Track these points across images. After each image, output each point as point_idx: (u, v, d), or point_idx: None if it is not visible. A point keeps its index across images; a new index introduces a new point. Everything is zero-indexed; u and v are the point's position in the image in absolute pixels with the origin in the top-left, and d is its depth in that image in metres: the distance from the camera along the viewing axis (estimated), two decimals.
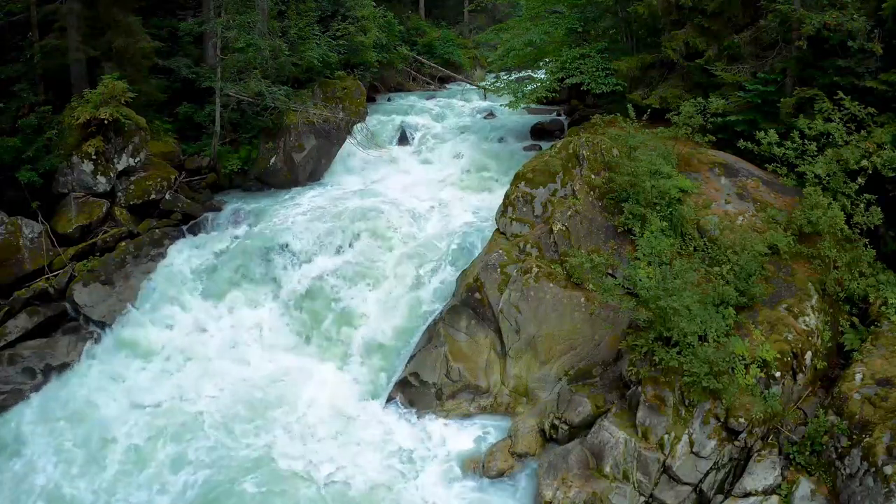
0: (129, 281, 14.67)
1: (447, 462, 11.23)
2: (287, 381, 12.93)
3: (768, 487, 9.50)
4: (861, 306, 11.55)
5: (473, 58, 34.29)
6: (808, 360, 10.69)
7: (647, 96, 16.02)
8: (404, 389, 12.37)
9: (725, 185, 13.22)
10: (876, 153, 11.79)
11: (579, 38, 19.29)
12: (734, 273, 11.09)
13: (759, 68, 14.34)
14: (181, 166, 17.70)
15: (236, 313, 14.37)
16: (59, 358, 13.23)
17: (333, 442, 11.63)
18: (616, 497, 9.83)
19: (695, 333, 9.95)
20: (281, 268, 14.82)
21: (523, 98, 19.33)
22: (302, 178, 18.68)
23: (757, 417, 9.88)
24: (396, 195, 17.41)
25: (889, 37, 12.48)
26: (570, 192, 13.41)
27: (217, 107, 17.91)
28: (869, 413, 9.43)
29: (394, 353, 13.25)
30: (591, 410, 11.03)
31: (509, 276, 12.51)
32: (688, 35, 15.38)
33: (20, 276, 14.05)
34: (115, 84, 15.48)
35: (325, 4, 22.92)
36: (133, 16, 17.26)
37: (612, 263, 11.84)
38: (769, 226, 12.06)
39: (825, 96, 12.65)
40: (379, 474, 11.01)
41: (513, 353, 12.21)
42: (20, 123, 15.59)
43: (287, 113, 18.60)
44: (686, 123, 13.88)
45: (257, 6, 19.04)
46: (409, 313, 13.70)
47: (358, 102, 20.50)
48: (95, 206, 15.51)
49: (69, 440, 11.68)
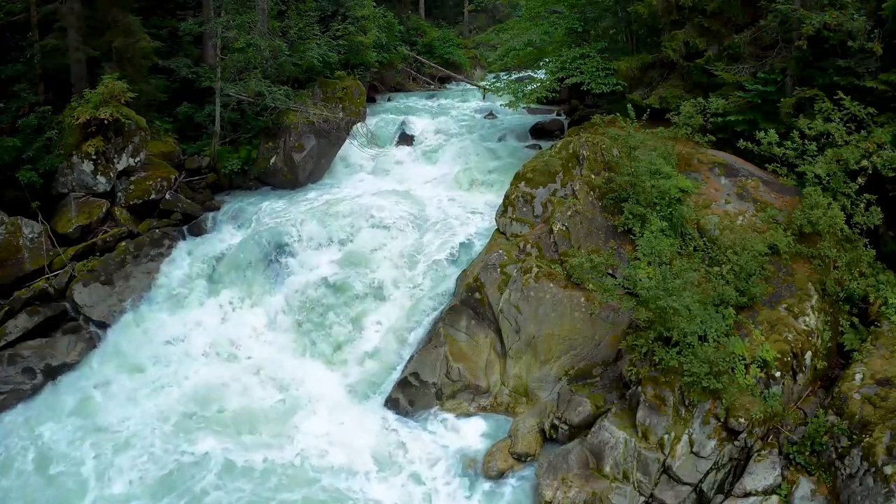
0: (129, 281, 14.68)
1: (447, 462, 11.22)
2: (286, 380, 12.94)
3: (768, 487, 9.50)
4: (861, 306, 11.55)
5: (473, 58, 34.29)
6: (808, 360, 10.69)
7: (647, 96, 16.03)
8: (404, 389, 12.37)
9: (725, 185, 13.22)
10: (876, 153, 11.79)
11: (579, 38, 19.28)
12: (734, 273, 11.09)
13: (759, 68, 14.34)
14: (181, 166, 17.70)
15: (236, 313, 14.39)
16: (59, 358, 13.24)
17: (332, 441, 11.63)
18: (616, 497, 9.83)
19: (695, 333, 9.96)
20: (281, 267, 14.83)
21: (523, 98, 19.32)
22: (302, 177, 18.67)
23: (757, 417, 9.88)
24: (396, 195, 17.40)
25: (889, 37, 12.48)
26: (570, 192, 13.41)
27: (217, 107, 17.91)
28: (869, 413, 9.44)
29: (393, 353, 13.24)
30: (591, 410, 11.03)
31: (509, 276, 12.51)
32: (688, 35, 15.38)
33: (20, 276, 14.06)
34: (115, 84, 15.48)
35: (325, 4, 22.92)
36: (133, 16, 17.28)
37: (612, 263, 11.83)
38: (769, 226, 12.06)
39: (825, 96, 12.65)
40: (378, 474, 11.01)
41: (513, 353, 12.21)
42: (20, 123, 15.60)
43: (287, 113, 18.60)
44: (686, 123, 13.88)
45: (257, 6, 19.04)
46: (409, 313, 13.69)
47: (358, 102, 20.51)
48: (95, 206, 15.51)
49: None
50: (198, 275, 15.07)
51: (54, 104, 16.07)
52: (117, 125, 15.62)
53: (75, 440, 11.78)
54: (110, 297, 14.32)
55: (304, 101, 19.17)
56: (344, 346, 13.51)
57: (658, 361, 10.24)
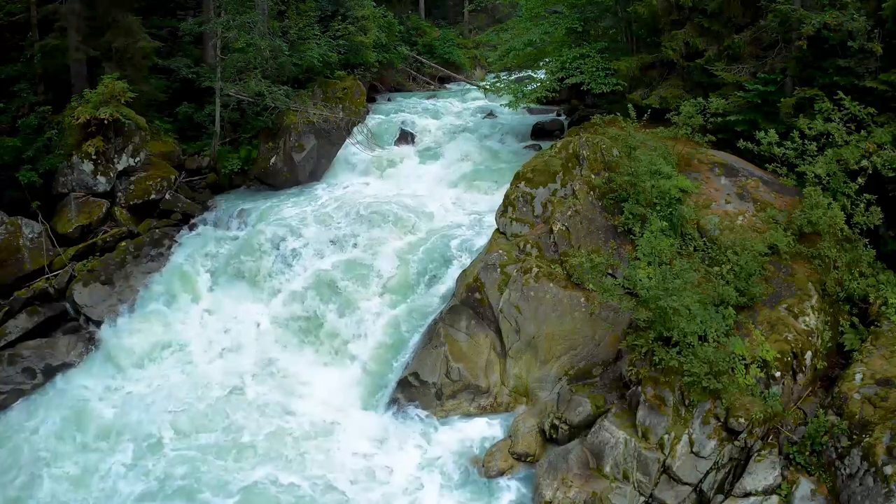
0: (129, 281, 14.69)
1: (447, 462, 11.22)
2: (286, 379, 12.95)
3: (768, 487, 9.49)
4: (861, 306, 11.54)
5: (473, 58, 34.27)
6: (808, 360, 10.69)
7: (647, 96, 16.03)
8: (404, 389, 12.37)
9: (725, 185, 13.22)
10: (876, 153, 11.78)
11: (579, 38, 19.27)
12: (734, 273, 11.08)
13: (759, 68, 14.34)
14: (181, 166, 17.71)
15: (236, 313, 14.39)
16: (59, 358, 13.25)
17: (332, 441, 11.64)
18: (616, 497, 9.83)
19: (695, 333, 9.95)
20: (280, 267, 14.84)
21: (523, 98, 19.33)
22: (302, 177, 18.67)
23: (757, 417, 9.87)
24: (396, 195, 17.41)
25: (889, 37, 12.48)
26: (570, 192, 13.41)
27: (217, 107, 17.92)
28: (869, 413, 9.43)
29: (393, 353, 13.24)
30: (591, 410, 11.03)
31: (509, 276, 12.50)
32: (688, 35, 15.37)
33: (20, 276, 14.08)
34: (115, 84, 15.49)
35: (325, 4, 22.93)
36: (133, 16, 17.28)
37: (612, 263, 11.83)
38: (769, 226, 12.05)
39: (825, 96, 12.64)
40: (378, 474, 11.00)
41: (513, 352, 12.21)
42: (20, 123, 15.61)
43: (287, 113, 18.61)
44: (686, 123, 13.87)
45: (257, 6, 19.04)
46: (409, 313, 13.69)
47: (358, 102, 20.52)
48: (95, 206, 15.52)
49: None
50: (198, 274, 15.07)
51: (54, 104, 16.08)
52: (117, 125, 15.64)
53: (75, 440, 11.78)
54: (110, 297, 14.33)
55: (304, 101, 19.18)
56: (343, 346, 13.51)
57: (658, 361, 10.24)
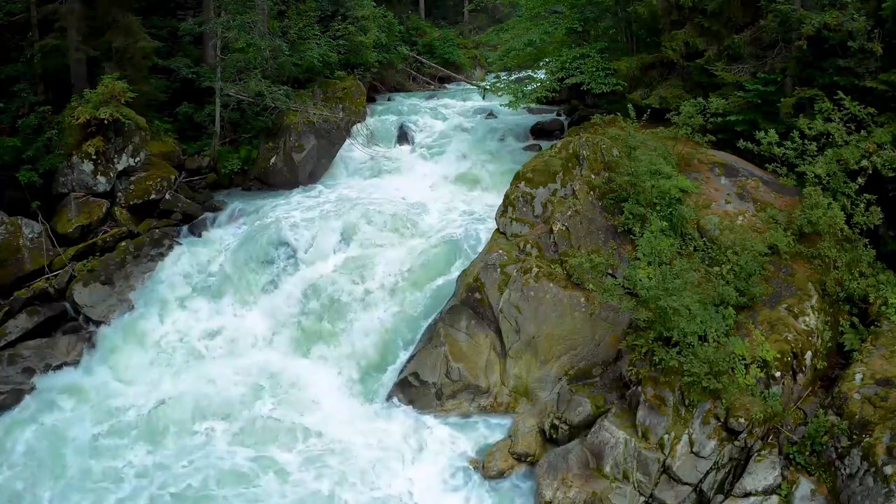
0: (129, 281, 14.69)
1: (447, 462, 11.21)
2: (286, 379, 12.94)
3: (768, 487, 9.49)
4: (861, 306, 11.54)
5: (473, 58, 34.25)
6: (808, 360, 10.69)
7: (647, 96, 16.02)
8: (404, 389, 12.37)
9: (725, 185, 13.22)
10: (876, 153, 11.77)
11: (579, 38, 19.28)
12: (734, 273, 11.08)
13: (759, 68, 14.33)
14: (181, 166, 17.71)
15: (236, 313, 14.39)
16: (58, 358, 13.25)
17: (331, 441, 11.63)
18: (616, 497, 9.83)
19: (695, 333, 9.95)
20: (280, 267, 14.84)
21: (523, 98, 19.31)
22: (302, 177, 18.68)
23: (757, 417, 9.87)
24: (396, 195, 17.41)
25: (889, 37, 12.48)
26: (570, 192, 13.41)
27: (217, 107, 17.92)
28: (869, 413, 9.43)
29: (393, 353, 13.24)
30: (591, 410, 11.02)
31: (509, 276, 12.50)
32: (688, 35, 15.36)
33: (20, 276, 14.08)
34: (115, 84, 15.49)
35: (325, 4, 22.93)
36: (133, 16, 17.28)
37: (612, 263, 11.83)
38: (769, 226, 12.05)
39: (825, 96, 12.63)
40: (378, 475, 11.00)
41: (513, 353, 12.21)
42: (20, 123, 15.61)
43: (287, 113, 18.62)
44: (686, 123, 13.86)
45: (257, 6, 19.05)
46: (409, 313, 13.68)
47: (358, 102, 20.52)
48: (95, 206, 15.52)
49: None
50: (198, 274, 15.07)
51: (54, 104, 16.08)
52: (117, 125, 15.64)
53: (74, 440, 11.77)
54: (110, 297, 14.33)
55: (304, 101, 19.19)
56: (343, 346, 13.49)
57: (658, 361, 10.24)
